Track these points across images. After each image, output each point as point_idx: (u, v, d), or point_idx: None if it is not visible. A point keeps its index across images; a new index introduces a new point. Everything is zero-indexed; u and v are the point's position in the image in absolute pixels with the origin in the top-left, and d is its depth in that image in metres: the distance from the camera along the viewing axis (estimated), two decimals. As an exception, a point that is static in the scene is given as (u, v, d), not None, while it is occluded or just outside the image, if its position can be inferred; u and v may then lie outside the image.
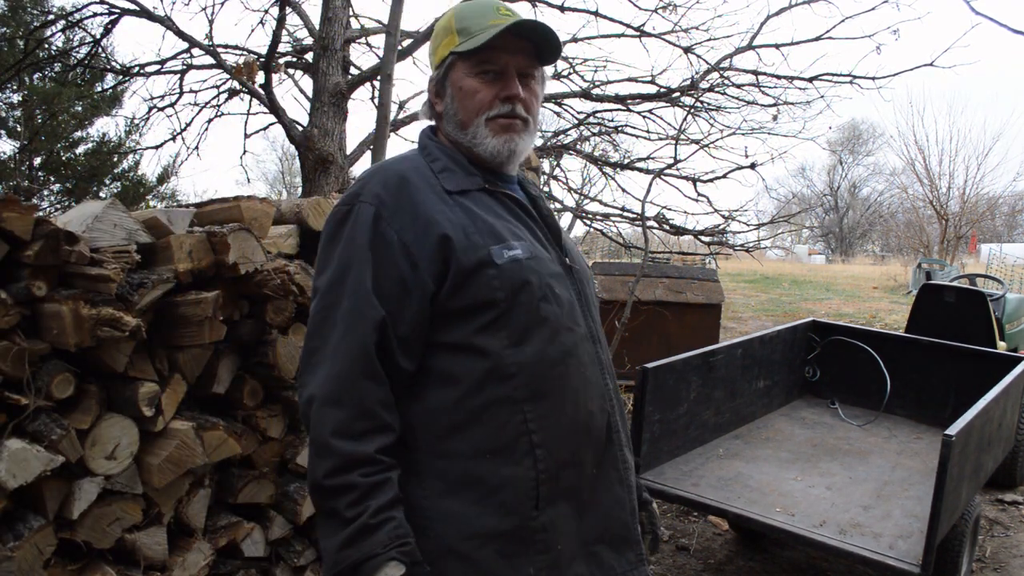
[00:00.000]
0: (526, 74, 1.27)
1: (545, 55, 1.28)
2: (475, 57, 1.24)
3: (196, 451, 1.71)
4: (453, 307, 1.16)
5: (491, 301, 1.16)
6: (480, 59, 1.24)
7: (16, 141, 9.35)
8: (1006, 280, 7.74)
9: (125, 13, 6.13)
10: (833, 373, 4.33)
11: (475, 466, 1.14)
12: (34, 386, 1.49)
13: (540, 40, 1.25)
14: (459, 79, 1.25)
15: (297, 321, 1.99)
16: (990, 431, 3.05)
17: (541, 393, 1.17)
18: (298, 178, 12.20)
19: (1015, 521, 4.17)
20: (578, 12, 6.09)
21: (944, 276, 12.38)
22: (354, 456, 1.08)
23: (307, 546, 2.08)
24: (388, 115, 4.58)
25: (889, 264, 26.46)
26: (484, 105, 1.24)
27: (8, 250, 1.50)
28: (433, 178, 1.24)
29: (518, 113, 1.25)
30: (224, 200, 1.94)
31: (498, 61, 1.24)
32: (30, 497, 1.52)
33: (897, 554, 2.49)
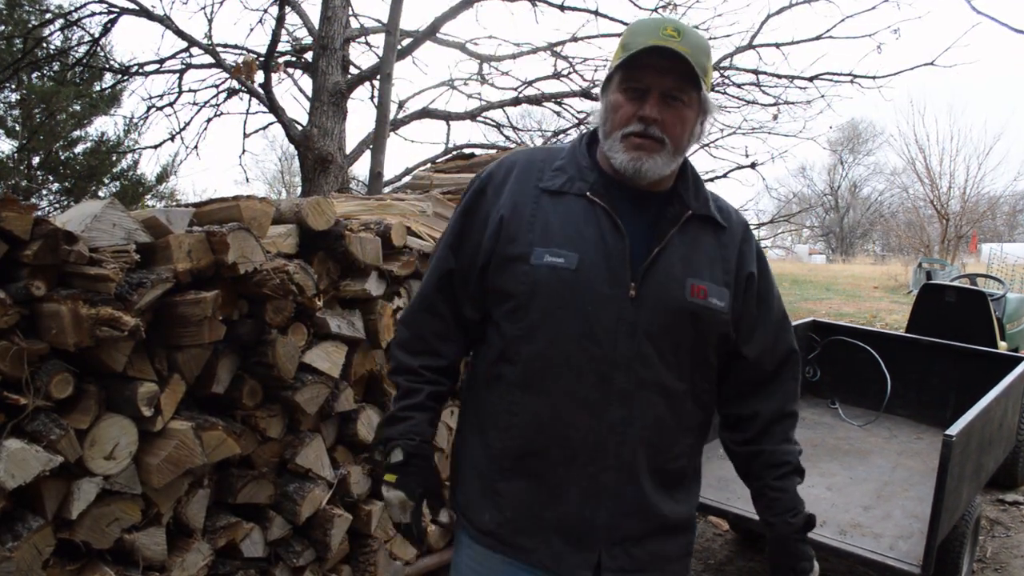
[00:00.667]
0: (673, 96, 1.30)
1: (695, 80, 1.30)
2: (625, 73, 1.30)
3: (195, 451, 1.71)
4: (492, 285, 1.35)
5: (513, 293, 1.32)
6: (628, 76, 1.30)
7: (15, 140, 9.34)
8: (1007, 280, 7.74)
9: (124, 12, 6.13)
10: (833, 373, 4.32)
11: (484, 419, 1.40)
12: (33, 386, 1.48)
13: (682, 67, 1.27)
14: (611, 92, 1.33)
15: (296, 321, 1.99)
16: (991, 431, 3.04)
17: (530, 387, 1.32)
18: (297, 177, 12.19)
19: (1016, 521, 4.17)
20: (578, 11, 6.09)
21: (945, 276, 12.37)
22: (403, 365, 1.43)
23: (306, 546, 2.08)
24: (388, 114, 4.58)
25: (890, 264, 26.44)
26: (623, 121, 1.31)
27: (7, 250, 1.49)
28: (540, 172, 1.38)
29: (651, 133, 1.30)
30: (223, 200, 1.93)
31: (643, 80, 1.29)
32: (29, 497, 1.52)
33: (897, 554, 2.49)
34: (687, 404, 1.39)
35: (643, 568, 1.41)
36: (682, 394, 1.38)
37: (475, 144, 6.88)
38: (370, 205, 2.59)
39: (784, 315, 1.50)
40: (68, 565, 1.58)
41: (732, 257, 1.40)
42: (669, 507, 1.41)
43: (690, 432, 1.42)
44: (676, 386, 1.36)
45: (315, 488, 2.04)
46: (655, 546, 1.42)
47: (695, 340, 1.36)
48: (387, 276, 2.24)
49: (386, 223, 2.24)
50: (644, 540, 1.41)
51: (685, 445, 1.42)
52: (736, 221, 1.45)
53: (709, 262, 1.38)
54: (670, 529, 1.43)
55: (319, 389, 2.01)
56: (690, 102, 1.32)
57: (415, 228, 2.40)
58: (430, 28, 5.83)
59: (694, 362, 1.38)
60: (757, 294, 1.43)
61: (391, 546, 2.31)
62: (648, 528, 1.40)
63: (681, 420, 1.39)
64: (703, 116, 1.36)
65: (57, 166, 9.83)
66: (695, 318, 1.34)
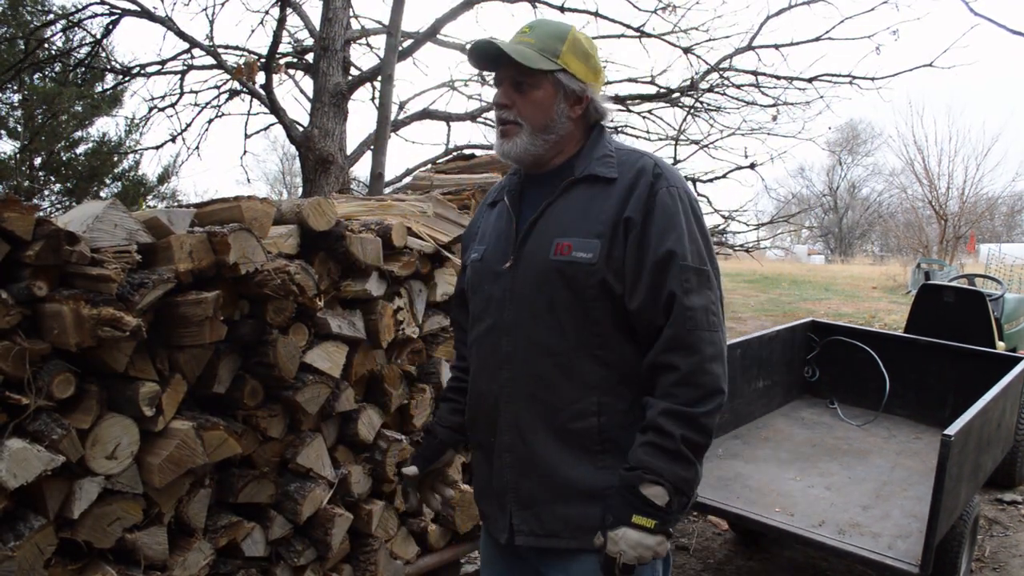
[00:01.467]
0: (518, 82, 1.45)
1: (522, 66, 1.43)
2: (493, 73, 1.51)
3: (196, 451, 1.71)
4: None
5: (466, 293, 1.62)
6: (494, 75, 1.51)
7: (16, 141, 9.35)
8: (1005, 280, 7.75)
9: (126, 13, 6.14)
10: (832, 373, 4.33)
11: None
12: (35, 386, 1.49)
13: (498, 57, 1.45)
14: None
15: (297, 321, 2.00)
16: (989, 431, 3.05)
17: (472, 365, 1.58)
18: (299, 178, 12.19)
19: (1014, 520, 4.18)
20: (578, 12, 6.10)
21: (943, 276, 12.38)
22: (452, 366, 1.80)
23: (307, 545, 2.09)
24: (388, 115, 4.58)
25: (888, 264, 26.44)
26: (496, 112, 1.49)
27: (9, 250, 1.50)
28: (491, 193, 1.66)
29: (504, 118, 1.47)
30: (224, 200, 1.94)
31: (498, 74, 1.49)
32: (31, 497, 1.53)
33: (896, 554, 2.49)
34: (580, 362, 1.41)
35: (555, 533, 1.43)
36: (569, 351, 1.41)
37: (476, 145, 6.89)
38: (371, 206, 2.59)
39: (668, 259, 1.35)
40: (70, 564, 1.59)
41: (610, 207, 1.41)
42: (581, 472, 1.40)
43: (593, 390, 1.41)
44: (559, 344, 1.41)
45: (316, 488, 2.05)
46: (569, 512, 1.42)
47: (569, 297, 1.40)
48: (388, 276, 2.25)
49: (387, 224, 2.25)
50: (553, 504, 1.43)
51: (590, 403, 1.41)
52: (633, 171, 1.43)
53: (582, 217, 1.42)
54: (586, 496, 1.41)
55: (320, 389, 2.02)
56: (537, 83, 1.45)
57: (415, 229, 2.41)
58: (431, 29, 5.84)
59: (575, 319, 1.40)
60: (638, 240, 1.38)
61: (392, 545, 2.31)
62: (552, 492, 1.43)
63: (574, 377, 1.40)
64: (564, 92, 1.47)
65: (59, 167, 9.84)
66: (560, 275, 1.40)
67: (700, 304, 1.36)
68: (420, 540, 2.43)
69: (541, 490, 1.44)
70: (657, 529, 1.30)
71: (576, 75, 1.48)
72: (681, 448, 1.31)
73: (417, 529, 2.42)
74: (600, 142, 1.52)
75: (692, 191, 1.49)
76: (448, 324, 2.50)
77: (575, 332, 1.41)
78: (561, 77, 1.46)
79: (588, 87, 1.50)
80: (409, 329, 2.32)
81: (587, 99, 1.50)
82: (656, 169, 1.43)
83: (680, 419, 1.32)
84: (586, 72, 1.50)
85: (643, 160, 1.46)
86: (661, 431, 1.32)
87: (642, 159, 1.46)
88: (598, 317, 1.41)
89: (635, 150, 1.51)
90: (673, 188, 1.41)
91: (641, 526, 1.29)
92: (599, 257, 1.38)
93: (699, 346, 1.34)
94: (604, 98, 1.56)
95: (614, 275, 1.39)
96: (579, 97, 1.49)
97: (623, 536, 1.30)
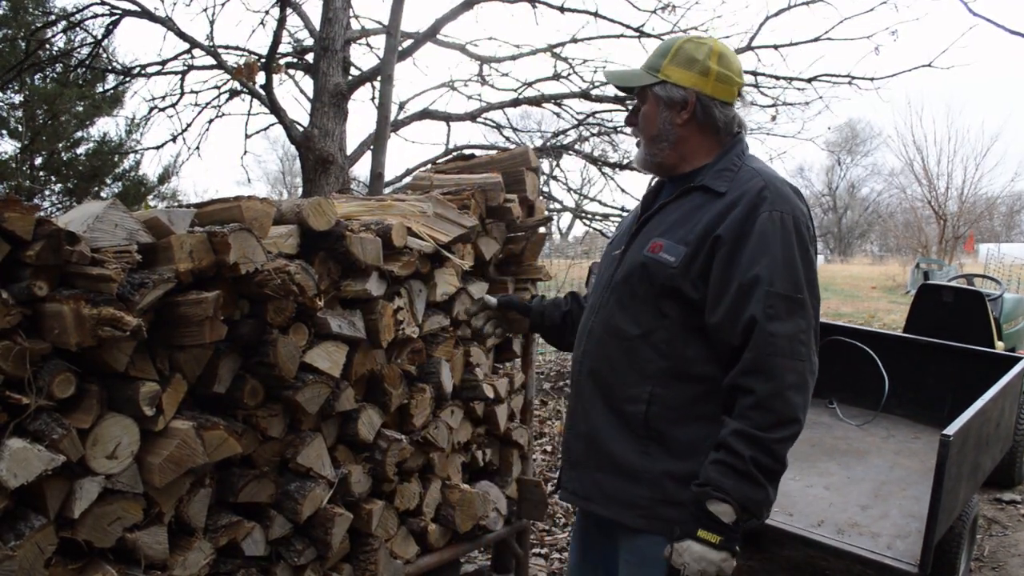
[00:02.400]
0: (636, 108, 1.67)
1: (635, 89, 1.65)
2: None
3: (197, 450, 1.72)
4: None
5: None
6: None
7: (17, 141, 9.35)
8: (1004, 280, 7.74)
9: (126, 14, 6.14)
10: (831, 373, 4.32)
11: None
12: (35, 386, 1.49)
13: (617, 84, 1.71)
14: None
15: (297, 321, 2.00)
16: (988, 431, 3.05)
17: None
18: (299, 178, 12.20)
19: (1013, 520, 4.18)
20: (578, 13, 6.10)
21: (942, 276, 12.38)
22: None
23: (307, 545, 2.09)
24: (388, 115, 4.59)
25: (887, 264, 26.43)
26: None
27: (9, 250, 1.50)
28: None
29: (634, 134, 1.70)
30: (225, 200, 1.94)
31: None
32: (31, 496, 1.53)
33: (895, 554, 2.50)
34: (643, 349, 1.52)
35: (589, 497, 1.58)
36: (636, 339, 1.53)
37: (475, 145, 6.90)
38: (370, 206, 2.60)
39: (754, 283, 1.39)
40: (70, 564, 1.59)
41: (708, 220, 1.48)
42: (623, 448, 1.52)
43: (649, 380, 1.51)
44: (630, 330, 1.54)
45: (316, 487, 2.05)
46: (603, 481, 1.55)
47: (647, 290, 1.53)
48: (388, 276, 2.25)
49: (387, 224, 2.25)
50: (594, 471, 1.57)
51: (643, 391, 1.51)
52: (740, 191, 1.48)
53: (681, 223, 1.53)
54: (622, 472, 1.52)
55: (320, 389, 2.02)
56: (643, 99, 1.63)
57: (415, 229, 2.41)
58: (430, 30, 5.85)
59: (648, 310, 1.53)
60: (726, 260, 1.43)
61: (391, 545, 2.32)
62: (595, 459, 1.56)
63: (635, 363, 1.52)
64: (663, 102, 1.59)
65: (59, 167, 9.84)
66: (644, 269, 1.53)
67: (785, 332, 1.38)
68: (420, 540, 2.43)
69: (587, 456, 1.58)
70: (722, 545, 1.34)
71: (679, 83, 1.56)
72: (751, 469, 1.35)
73: (417, 529, 2.43)
74: (730, 154, 1.58)
75: (803, 216, 1.49)
76: (448, 324, 2.50)
77: (645, 323, 1.52)
78: (658, 90, 1.58)
79: (693, 91, 1.56)
80: (409, 329, 2.32)
81: (692, 104, 1.56)
82: (763, 192, 1.46)
83: (752, 441, 1.36)
84: (691, 77, 1.56)
85: (754, 181, 1.49)
86: (732, 451, 1.36)
87: (754, 179, 1.50)
88: (668, 313, 1.50)
89: (758, 170, 1.53)
90: (776, 212, 1.44)
91: (706, 541, 1.34)
92: (680, 263, 1.48)
93: (778, 372, 1.37)
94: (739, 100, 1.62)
95: (691, 283, 1.47)
96: (681, 103, 1.57)
97: (688, 549, 1.35)
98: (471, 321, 2.09)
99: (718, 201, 1.49)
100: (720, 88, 1.57)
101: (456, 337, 2.56)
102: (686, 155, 1.60)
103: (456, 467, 2.59)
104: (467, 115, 6.68)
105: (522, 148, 2.95)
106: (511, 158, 2.88)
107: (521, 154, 2.88)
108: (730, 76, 1.57)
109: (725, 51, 1.59)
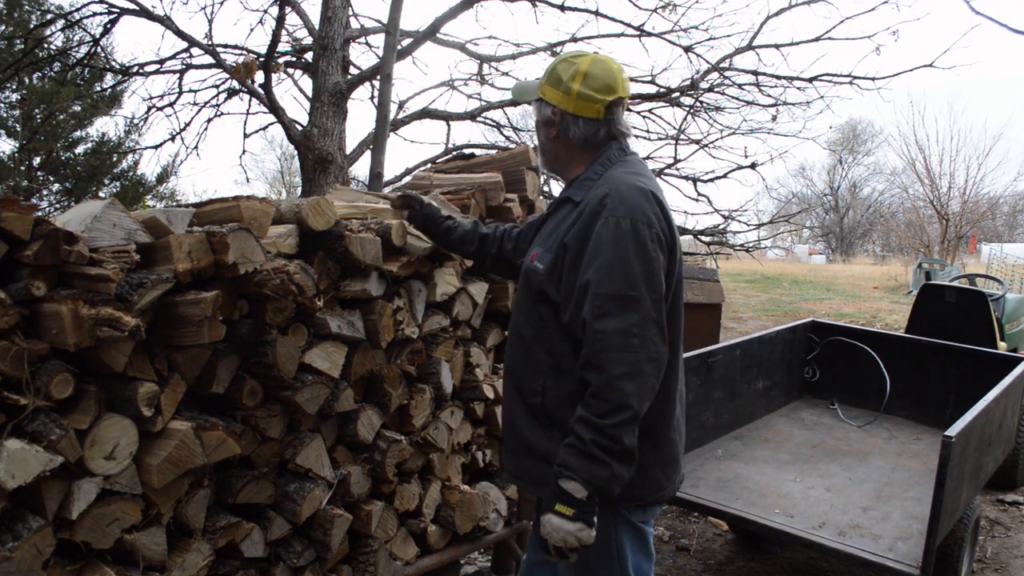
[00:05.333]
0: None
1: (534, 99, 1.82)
2: None
3: (195, 451, 1.71)
4: None
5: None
6: None
7: (15, 141, 9.34)
8: (1006, 280, 7.73)
9: (124, 12, 6.13)
10: (833, 374, 4.32)
11: None
12: (33, 386, 1.49)
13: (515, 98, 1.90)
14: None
15: (296, 321, 1.99)
16: (990, 432, 3.05)
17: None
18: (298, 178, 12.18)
19: (1016, 521, 4.17)
20: (578, 12, 6.09)
21: (944, 276, 12.38)
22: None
23: (306, 546, 2.08)
24: (388, 115, 4.57)
25: (889, 264, 26.42)
26: None
27: (7, 250, 1.49)
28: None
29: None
30: (223, 200, 1.93)
31: None
32: (29, 497, 1.52)
33: (896, 556, 2.49)
34: (534, 348, 1.72)
35: (522, 477, 1.80)
36: (531, 339, 1.73)
37: (475, 144, 6.88)
38: (367, 205, 2.59)
39: (586, 286, 1.57)
40: (68, 565, 1.58)
41: (564, 229, 1.68)
42: (533, 434, 1.73)
43: (541, 375, 1.71)
44: (525, 331, 1.75)
45: (315, 488, 2.04)
46: (528, 465, 1.75)
47: (529, 296, 1.73)
48: (387, 276, 2.24)
49: (386, 223, 2.24)
50: (520, 456, 1.77)
51: (538, 385, 1.71)
52: (593, 199, 1.65)
53: (551, 233, 1.73)
54: (536, 455, 1.72)
55: (319, 389, 2.01)
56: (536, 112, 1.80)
57: (413, 229, 2.40)
58: (430, 28, 5.83)
59: (532, 313, 1.73)
60: (571, 265, 1.63)
61: (391, 546, 2.31)
62: (521, 447, 1.76)
63: (531, 360, 1.73)
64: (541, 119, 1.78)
65: (58, 166, 9.84)
66: (526, 276, 1.75)
67: (614, 327, 1.54)
68: (419, 541, 2.42)
69: (514, 443, 1.79)
70: (576, 517, 1.52)
71: (548, 100, 1.74)
72: (592, 451, 1.52)
73: (417, 530, 2.42)
74: (594, 165, 1.74)
75: (643, 216, 1.61)
76: (448, 324, 2.49)
77: (533, 324, 1.73)
78: (536, 107, 1.78)
79: (559, 110, 1.74)
80: (408, 329, 2.32)
81: (557, 122, 1.75)
82: (604, 200, 1.61)
83: (590, 427, 1.54)
84: (557, 96, 1.73)
85: (600, 189, 1.65)
86: (577, 435, 1.55)
87: (601, 187, 1.66)
88: (544, 316, 1.70)
89: (611, 177, 1.68)
90: (612, 218, 1.59)
91: (562, 514, 1.53)
92: (545, 270, 1.68)
93: (607, 365, 1.54)
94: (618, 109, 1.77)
95: (554, 288, 1.67)
96: (550, 121, 1.76)
97: (548, 521, 1.55)
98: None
99: (574, 211, 1.68)
100: (582, 106, 1.72)
101: (456, 337, 2.55)
102: (562, 168, 1.79)
103: (456, 468, 2.58)
104: (467, 114, 6.67)
105: (522, 147, 2.94)
106: (511, 157, 2.87)
107: (521, 153, 2.87)
108: (591, 95, 1.72)
109: (593, 69, 1.72)
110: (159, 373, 1.72)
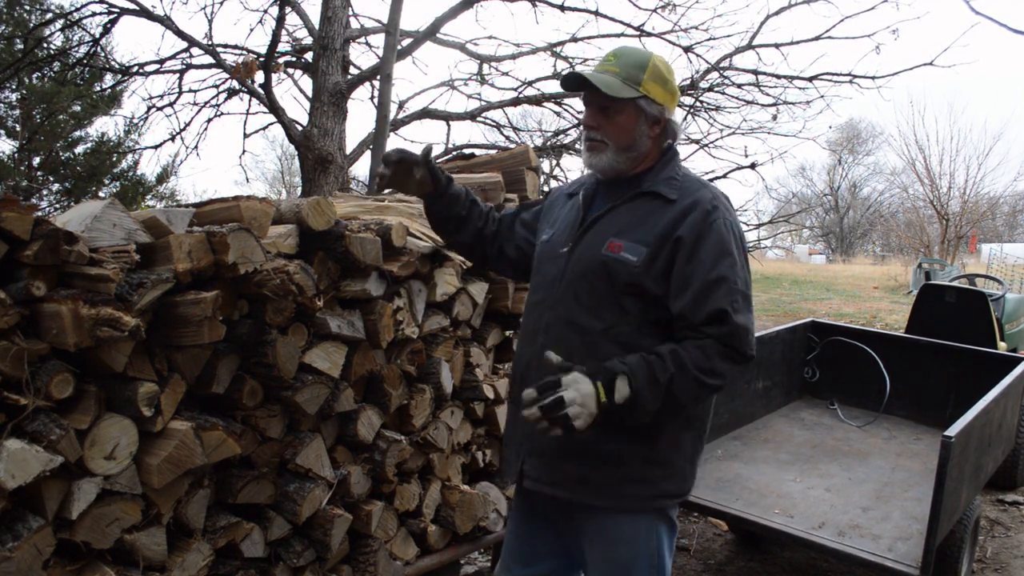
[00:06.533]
0: (604, 106, 1.68)
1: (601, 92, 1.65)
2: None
3: (195, 451, 1.71)
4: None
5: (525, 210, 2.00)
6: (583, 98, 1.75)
7: (15, 141, 9.34)
8: (1006, 280, 7.73)
9: (124, 12, 6.13)
10: (833, 374, 4.32)
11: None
12: (33, 386, 1.49)
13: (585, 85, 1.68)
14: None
15: (296, 321, 1.99)
16: (990, 432, 3.05)
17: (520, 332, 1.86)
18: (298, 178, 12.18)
19: (1016, 521, 4.17)
20: (578, 12, 6.09)
21: (944, 276, 12.37)
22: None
23: (306, 546, 2.08)
24: (388, 115, 4.58)
25: (889, 264, 26.41)
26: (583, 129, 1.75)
27: (7, 250, 1.50)
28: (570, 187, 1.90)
29: (591, 136, 1.71)
30: (223, 200, 1.93)
31: (586, 98, 1.73)
32: (29, 497, 1.52)
33: (896, 556, 2.49)
34: (602, 342, 1.64)
35: (558, 484, 1.69)
36: (597, 332, 1.65)
37: (475, 144, 6.88)
38: (369, 206, 2.59)
39: (719, 280, 1.58)
40: (68, 565, 1.58)
41: (664, 223, 1.64)
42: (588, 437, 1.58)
43: None
44: (591, 324, 1.66)
45: (315, 488, 2.05)
46: (572, 468, 1.66)
47: (608, 288, 1.65)
48: (387, 276, 2.24)
49: (386, 223, 2.24)
50: (560, 459, 1.67)
51: None
52: (691, 199, 1.66)
53: (638, 226, 1.67)
54: (590, 458, 1.65)
55: (319, 389, 2.01)
56: (622, 109, 1.68)
57: (413, 229, 2.40)
58: (430, 28, 5.83)
59: (608, 305, 1.65)
60: (688, 256, 1.61)
61: (391, 546, 2.31)
62: (563, 449, 1.65)
63: (597, 356, 1.62)
64: (645, 116, 1.69)
65: (57, 166, 9.84)
66: (605, 267, 1.65)
67: (745, 324, 1.59)
68: (420, 541, 2.42)
69: (552, 444, 1.64)
70: (601, 407, 1.51)
71: (656, 99, 1.69)
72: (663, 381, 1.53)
73: (417, 530, 2.42)
74: (670, 165, 1.75)
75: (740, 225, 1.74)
76: (448, 324, 2.49)
77: (608, 318, 1.65)
78: (642, 103, 1.68)
79: (665, 109, 1.72)
80: (408, 329, 2.32)
81: (664, 120, 1.72)
82: (713, 201, 1.66)
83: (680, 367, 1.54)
84: (664, 95, 1.71)
85: (703, 191, 1.68)
86: (662, 360, 1.54)
87: (702, 190, 1.69)
88: (629, 309, 1.64)
89: (698, 180, 1.74)
90: (728, 221, 1.65)
91: (597, 394, 1.51)
92: (641, 262, 1.62)
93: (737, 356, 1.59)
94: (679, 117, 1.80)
95: (652, 280, 1.62)
96: (657, 119, 1.71)
97: (581, 382, 1.51)
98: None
99: (671, 207, 1.65)
100: (675, 105, 1.77)
101: (456, 337, 2.55)
102: (635, 163, 1.74)
103: (456, 468, 2.58)
104: (467, 114, 6.67)
105: (522, 147, 2.95)
106: (511, 157, 2.87)
107: (521, 153, 2.87)
108: (678, 93, 1.77)
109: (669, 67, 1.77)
110: (159, 373, 1.72)
